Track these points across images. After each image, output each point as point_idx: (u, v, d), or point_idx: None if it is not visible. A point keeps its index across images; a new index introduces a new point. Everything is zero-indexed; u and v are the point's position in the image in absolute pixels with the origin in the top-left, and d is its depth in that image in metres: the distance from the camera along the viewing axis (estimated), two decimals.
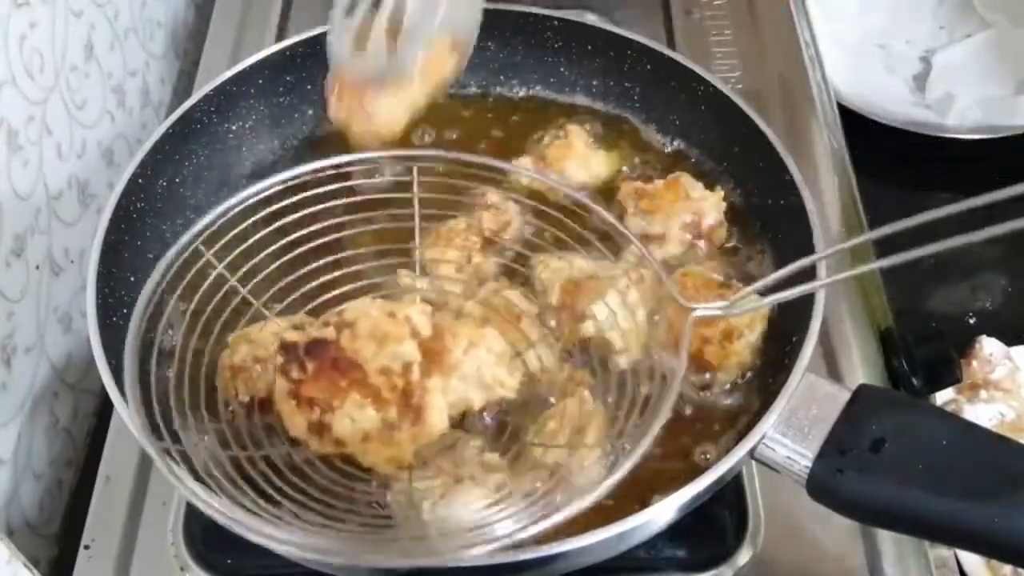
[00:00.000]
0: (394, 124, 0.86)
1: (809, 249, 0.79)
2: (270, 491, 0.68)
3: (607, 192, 0.91)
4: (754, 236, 0.89)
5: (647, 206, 0.86)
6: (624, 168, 0.95)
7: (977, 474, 0.64)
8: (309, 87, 0.96)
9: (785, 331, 0.79)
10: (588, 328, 0.79)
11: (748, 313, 0.77)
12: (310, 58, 0.95)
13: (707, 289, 0.82)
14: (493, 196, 0.87)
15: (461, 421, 0.75)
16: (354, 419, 0.67)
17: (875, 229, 0.69)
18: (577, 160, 0.91)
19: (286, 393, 0.68)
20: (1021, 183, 0.60)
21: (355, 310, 0.69)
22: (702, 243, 0.87)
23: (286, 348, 0.68)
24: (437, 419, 0.69)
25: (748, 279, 0.86)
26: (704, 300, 0.81)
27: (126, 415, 0.70)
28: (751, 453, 0.69)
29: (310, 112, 0.97)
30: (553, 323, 0.80)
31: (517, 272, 0.84)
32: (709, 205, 0.87)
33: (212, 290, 0.78)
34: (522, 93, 1.01)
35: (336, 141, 0.89)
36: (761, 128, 0.86)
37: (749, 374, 0.81)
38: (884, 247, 1.02)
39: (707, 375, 0.81)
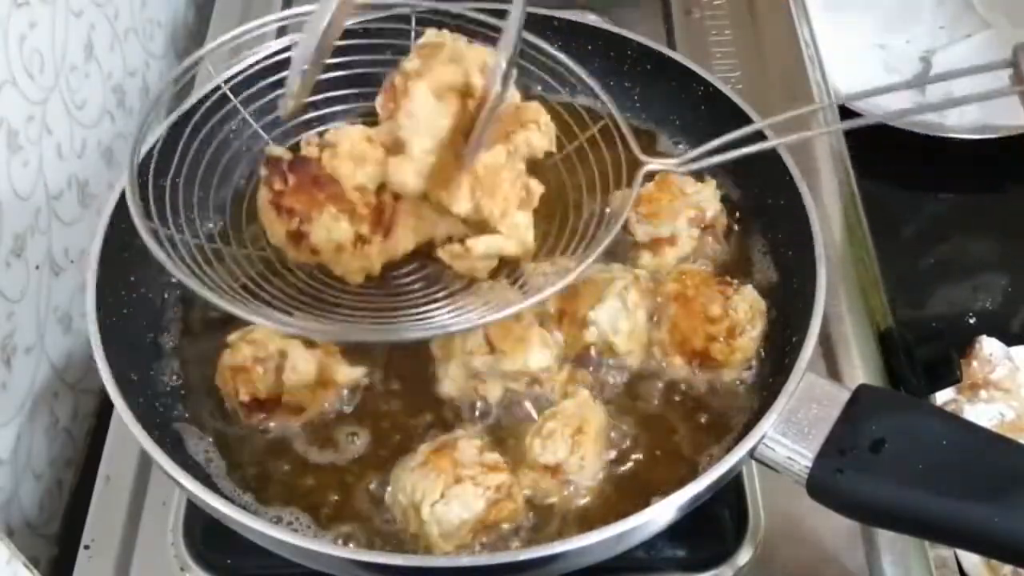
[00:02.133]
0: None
1: (810, 248, 0.79)
2: (252, 287, 0.73)
3: None
4: (754, 236, 0.89)
5: (648, 210, 0.86)
6: None
7: (977, 474, 0.65)
8: None
9: (785, 331, 0.79)
10: (591, 334, 0.79)
11: (698, 169, 0.77)
12: None
13: (706, 286, 0.82)
14: None
15: (428, 249, 0.78)
16: (329, 230, 0.72)
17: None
18: None
19: (268, 203, 0.73)
20: None
21: (338, 132, 0.74)
22: (710, 237, 0.88)
23: (271, 162, 0.73)
24: (404, 238, 0.74)
25: (749, 279, 0.86)
26: (705, 297, 0.81)
27: (124, 412, 0.70)
28: (751, 453, 0.69)
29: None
30: (555, 331, 0.80)
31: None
32: (706, 196, 0.87)
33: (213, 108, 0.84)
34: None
35: None
36: (762, 128, 0.86)
37: (750, 373, 0.81)
38: (884, 244, 1.03)
39: (712, 377, 0.81)
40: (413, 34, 0.86)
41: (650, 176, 0.78)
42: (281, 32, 0.92)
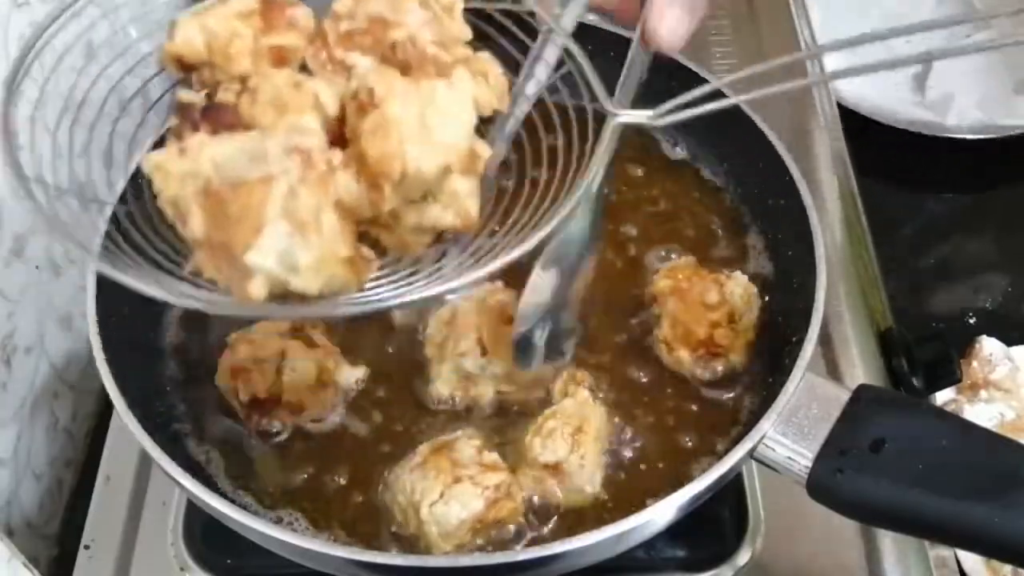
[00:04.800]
0: None
1: (810, 248, 0.79)
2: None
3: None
4: (754, 236, 0.89)
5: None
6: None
7: (977, 474, 0.64)
8: None
9: (785, 331, 0.79)
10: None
11: (673, 122, 0.67)
12: None
13: (698, 277, 0.82)
14: None
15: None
16: None
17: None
18: None
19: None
20: None
21: (260, 75, 0.63)
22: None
23: (182, 109, 0.63)
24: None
25: (748, 277, 0.86)
26: (701, 287, 0.81)
27: (124, 412, 0.70)
28: (751, 453, 0.69)
29: None
30: None
31: None
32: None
33: None
34: None
35: None
36: (761, 128, 0.86)
37: (751, 370, 0.81)
38: (884, 244, 1.03)
39: (720, 365, 0.81)
40: None
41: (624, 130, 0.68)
42: None
